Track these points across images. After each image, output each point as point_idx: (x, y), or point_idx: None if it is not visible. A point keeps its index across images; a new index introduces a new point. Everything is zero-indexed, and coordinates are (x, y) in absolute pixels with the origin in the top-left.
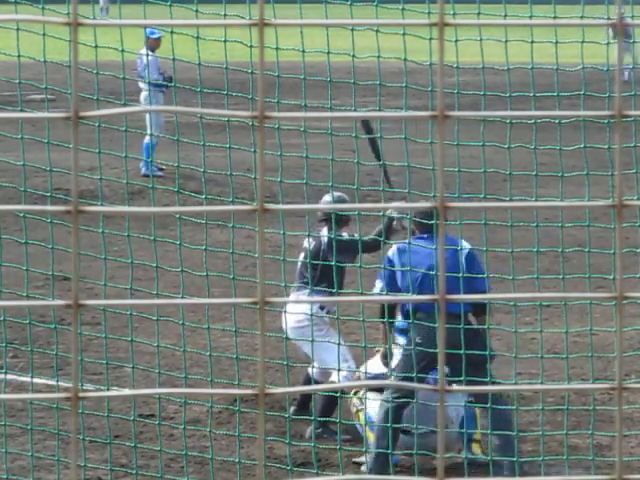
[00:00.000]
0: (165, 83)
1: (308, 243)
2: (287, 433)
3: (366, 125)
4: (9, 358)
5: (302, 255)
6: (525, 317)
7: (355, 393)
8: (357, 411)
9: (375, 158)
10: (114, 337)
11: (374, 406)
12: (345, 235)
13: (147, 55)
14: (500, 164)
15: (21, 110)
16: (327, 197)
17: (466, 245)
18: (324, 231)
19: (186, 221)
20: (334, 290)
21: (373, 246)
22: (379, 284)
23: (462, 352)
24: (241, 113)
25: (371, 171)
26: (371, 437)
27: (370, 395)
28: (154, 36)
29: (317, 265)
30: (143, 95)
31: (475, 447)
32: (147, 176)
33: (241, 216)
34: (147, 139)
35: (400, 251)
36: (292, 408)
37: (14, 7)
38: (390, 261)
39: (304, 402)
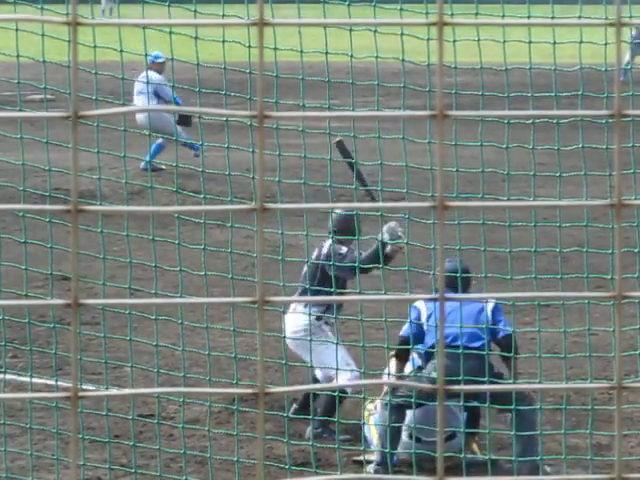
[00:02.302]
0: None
1: (308, 256)
2: (286, 433)
3: (340, 146)
4: (9, 358)
5: (305, 267)
6: (525, 317)
7: (371, 401)
8: (369, 415)
9: (357, 180)
10: (114, 337)
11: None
12: (344, 249)
13: (147, 83)
14: (500, 164)
15: (20, 110)
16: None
17: (491, 300)
18: (327, 242)
19: (185, 221)
20: (332, 304)
21: (368, 262)
22: (405, 328)
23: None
24: (241, 113)
25: (370, 171)
26: (375, 438)
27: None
28: (159, 60)
29: (315, 277)
30: (140, 117)
31: (474, 446)
32: (145, 170)
33: (240, 216)
34: (159, 140)
35: (427, 302)
36: (293, 407)
37: (13, 7)
38: (416, 307)
39: (305, 403)
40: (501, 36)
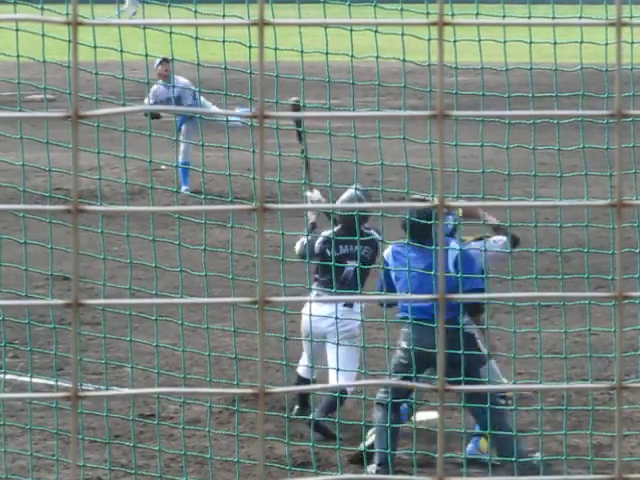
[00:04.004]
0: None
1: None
2: (287, 433)
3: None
4: (9, 358)
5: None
6: (525, 317)
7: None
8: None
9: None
10: (114, 337)
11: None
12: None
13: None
14: (500, 164)
15: (20, 110)
16: (350, 192)
17: (455, 246)
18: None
19: (186, 221)
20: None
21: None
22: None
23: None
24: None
25: (371, 171)
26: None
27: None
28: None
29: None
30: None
31: (482, 443)
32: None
33: (241, 216)
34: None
35: (394, 253)
36: (295, 408)
37: (13, 7)
38: (385, 263)
39: (305, 402)
40: (502, 36)
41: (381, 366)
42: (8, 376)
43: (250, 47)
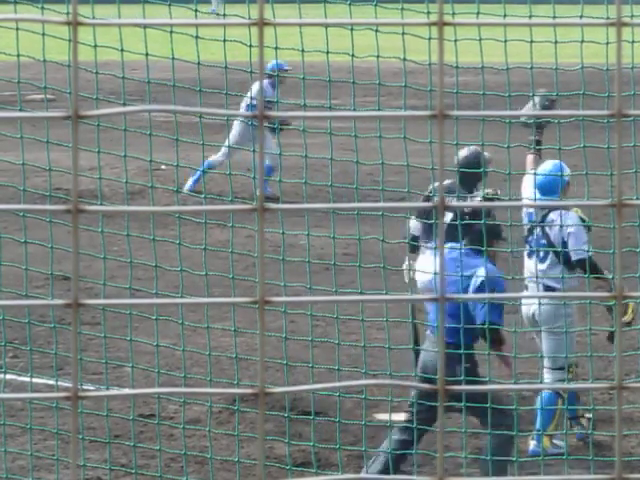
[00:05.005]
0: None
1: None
2: (287, 433)
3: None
4: (9, 358)
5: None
6: None
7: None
8: None
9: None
10: (114, 337)
11: None
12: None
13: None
14: (501, 164)
15: (20, 110)
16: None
17: (481, 273)
18: None
19: (186, 221)
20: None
21: None
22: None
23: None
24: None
25: (371, 171)
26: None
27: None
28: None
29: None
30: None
31: (546, 441)
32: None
33: (241, 216)
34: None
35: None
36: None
37: (14, 7)
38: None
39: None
40: (502, 36)
41: (381, 366)
42: (8, 376)
43: (250, 47)
